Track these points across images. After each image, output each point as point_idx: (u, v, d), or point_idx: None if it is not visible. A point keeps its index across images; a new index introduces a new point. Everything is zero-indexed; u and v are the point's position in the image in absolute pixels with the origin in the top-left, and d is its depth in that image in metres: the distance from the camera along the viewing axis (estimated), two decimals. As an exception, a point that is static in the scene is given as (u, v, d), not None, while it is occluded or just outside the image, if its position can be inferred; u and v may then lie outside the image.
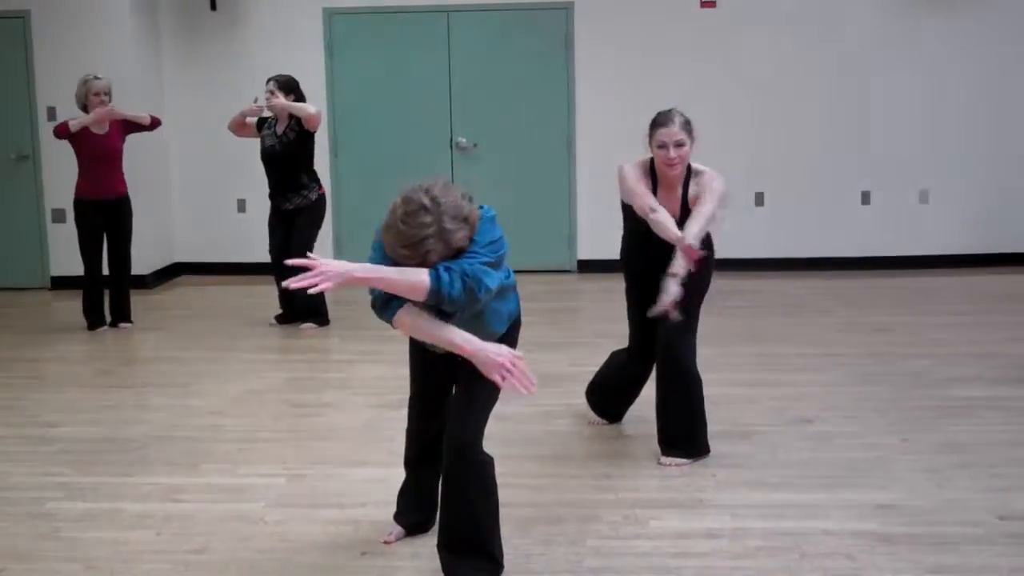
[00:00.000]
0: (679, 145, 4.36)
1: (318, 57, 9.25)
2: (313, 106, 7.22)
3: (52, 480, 4.46)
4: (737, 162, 8.96)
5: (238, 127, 7.39)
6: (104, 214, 7.30)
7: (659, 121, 4.42)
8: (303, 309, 7.34)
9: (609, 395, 5.06)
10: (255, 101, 7.31)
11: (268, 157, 7.24)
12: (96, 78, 7.28)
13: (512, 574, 3.47)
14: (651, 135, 4.43)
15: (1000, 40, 9.03)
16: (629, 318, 4.85)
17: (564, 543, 3.73)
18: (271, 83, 7.15)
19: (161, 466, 4.63)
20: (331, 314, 7.40)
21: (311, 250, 7.26)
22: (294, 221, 7.26)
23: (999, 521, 3.84)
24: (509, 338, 3.50)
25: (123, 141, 7.39)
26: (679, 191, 4.49)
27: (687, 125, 4.41)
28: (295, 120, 7.14)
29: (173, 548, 3.75)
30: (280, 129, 7.20)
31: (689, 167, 4.49)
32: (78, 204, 7.29)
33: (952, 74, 9.07)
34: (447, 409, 3.53)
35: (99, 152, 7.23)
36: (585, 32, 9.17)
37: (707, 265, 4.46)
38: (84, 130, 7.19)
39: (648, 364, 4.82)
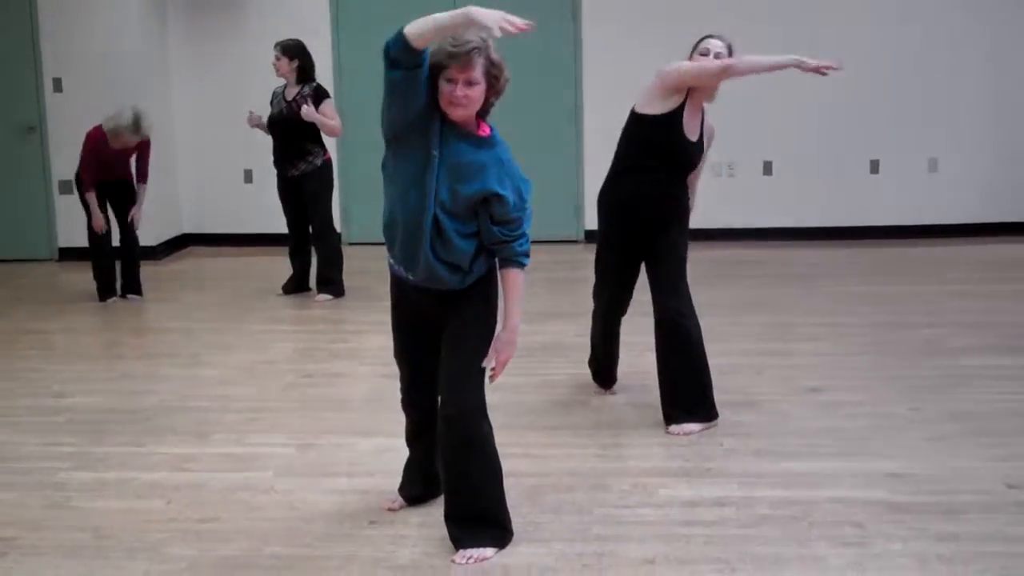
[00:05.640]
0: (719, 58, 4.48)
1: (325, 31, 9.21)
2: (335, 120, 7.18)
3: (62, 450, 4.48)
4: (745, 131, 8.93)
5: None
6: (109, 193, 7.27)
7: (709, 35, 4.59)
8: (319, 278, 7.37)
9: (601, 361, 5.06)
10: (250, 113, 7.30)
11: (276, 122, 7.22)
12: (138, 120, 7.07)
13: (521, 543, 3.48)
14: (696, 46, 4.56)
15: (1011, 7, 8.96)
16: (599, 268, 4.85)
17: (572, 511, 3.74)
18: (277, 48, 7.12)
19: (171, 436, 4.64)
20: (341, 283, 7.41)
21: (329, 215, 7.32)
22: (302, 190, 7.25)
23: (1008, 489, 3.84)
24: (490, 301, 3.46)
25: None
26: (700, 116, 4.57)
27: (730, 50, 4.55)
28: (310, 88, 7.11)
29: (183, 517, 3.77)
30: (290, 95, 7.17)
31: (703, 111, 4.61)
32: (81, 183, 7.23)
33: (961, 42, 9.01)
34: (438, 379, 3.50)
35: (112, 159, 7.16)
36: (592, 2, 9.11)
37: (684, 223, 4.64)
38: (103, 141, 7.07)
39: (616, 314, 4.88)
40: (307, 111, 6.98)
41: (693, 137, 4.54)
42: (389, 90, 3.18)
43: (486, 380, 3.41)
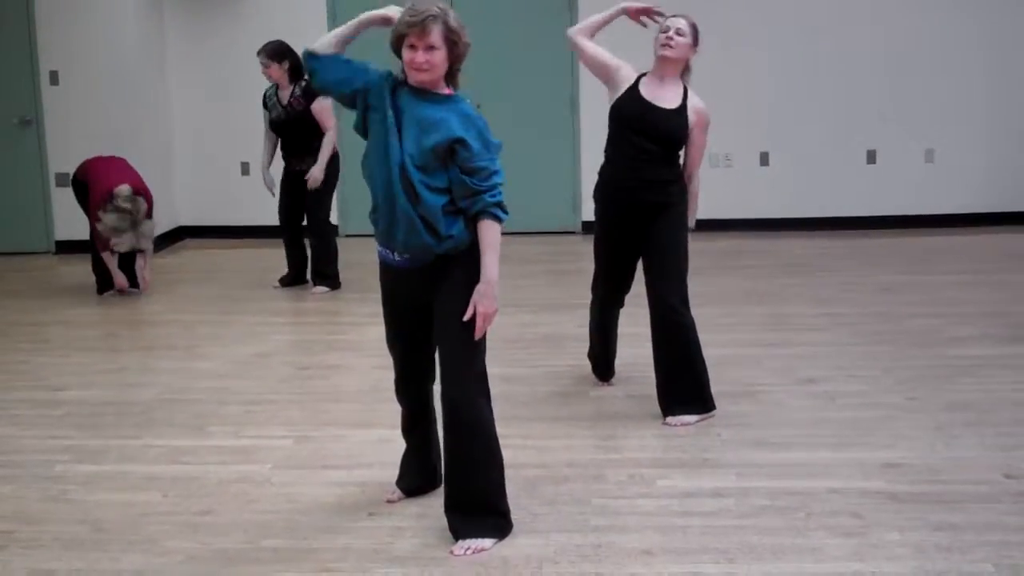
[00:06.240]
0: (680, 33, 4.52)
1: (321, 21, 9.17)
2: (330, 133, 7.13)
3: (60, 443, 4.48)
4: (742, 122, 8.92)
5: None
6: None
7: (674, 14, 4.61)
8: (315, 272, 7.36)
9: (598, 353, 5.06)
10: (271, 186, 7.40)
11: (278, 126, 7.21)
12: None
13: (519, 533, 3.48)
14: (661, 28, 4.61)
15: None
16: (597, 258, 4.84)
17: (570, 502, 3.75)
18: (261, 55, 7.02)
19: (168, 428, 4.65)
20: (337, 277, 7.40)
21: (328, 212, 7.31)
22: (305, 182, 7.24)
23: (1005, 479, 3.84)
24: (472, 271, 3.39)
25: None
26: (679, 91, 4.56)
27: (694, 28, 4.56)
28: (300, 88, 7.08)
29: (180, 510, 3.77)
30: (284, 98, 7.14)
31: (686, 88, 4.59)
32: (78, 185, 7.20)
33: (958, 32, 9.00)
34: (431, 368, 3.57)
35: None
36: (589, -8, 9.11)
37: (682, 214, 4.62)
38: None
39: (613, 305, 4.88)
40: (314, 181, 7.03)
41: (666, 104, 4.52)
42: (330, 78, 3.46)
43: (487, 364, 3.42)
